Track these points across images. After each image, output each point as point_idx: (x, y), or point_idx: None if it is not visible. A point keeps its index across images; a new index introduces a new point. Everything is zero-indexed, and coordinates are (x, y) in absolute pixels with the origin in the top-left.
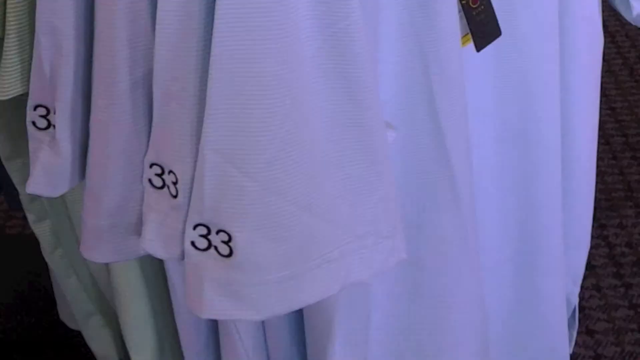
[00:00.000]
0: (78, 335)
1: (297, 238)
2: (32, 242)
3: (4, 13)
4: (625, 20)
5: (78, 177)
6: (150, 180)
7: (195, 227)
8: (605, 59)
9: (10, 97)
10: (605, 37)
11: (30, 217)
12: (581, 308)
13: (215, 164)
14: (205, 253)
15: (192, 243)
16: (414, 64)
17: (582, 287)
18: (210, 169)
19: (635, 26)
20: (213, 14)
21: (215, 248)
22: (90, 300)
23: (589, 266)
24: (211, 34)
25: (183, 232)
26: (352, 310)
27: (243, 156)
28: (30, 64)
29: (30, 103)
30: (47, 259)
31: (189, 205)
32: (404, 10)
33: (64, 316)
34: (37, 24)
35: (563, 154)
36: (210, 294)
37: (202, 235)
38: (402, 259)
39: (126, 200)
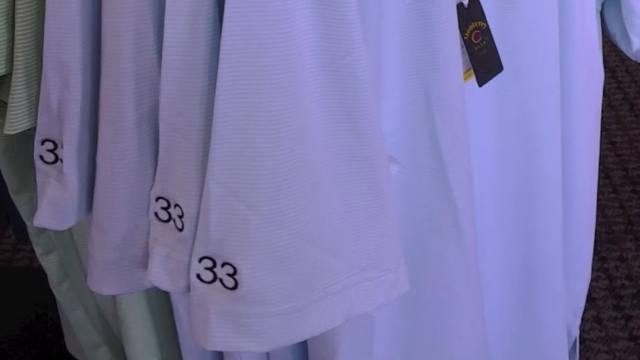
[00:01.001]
0: None
1: (302, 271)
2: (40, 274)
3: (12, 48)
4: (626, 55)
5: (85, 211)
6: (156, 214)
7: (200, 260)
8: (605, 94)
9: (18, 131)
10: (605, 72)
11: (38, 250)
12: (582, 340)
13: (221, 197)
14: (210, 285)
15: (198, 276)
16: (417, 98)
17: (582, 319)
18: (215, 202)
19: (636, 62)
20: (218, 50)
21: (221, 281)
22: (97, 331)
23: (590, 298)
24: (216, 69)
25: (189, 265)
26: (355, 341)
27: (248, 189)
28: (37, 99)
29: (38, 137)
30: (54, 292)
31: (194, 238)
32: (406, 45)
33: (71, 348)
34: (44, 59)
35: (564, 187)
36: (216, 326)
37: (207, 268)
38: (405, 291)
39: (132, 234)
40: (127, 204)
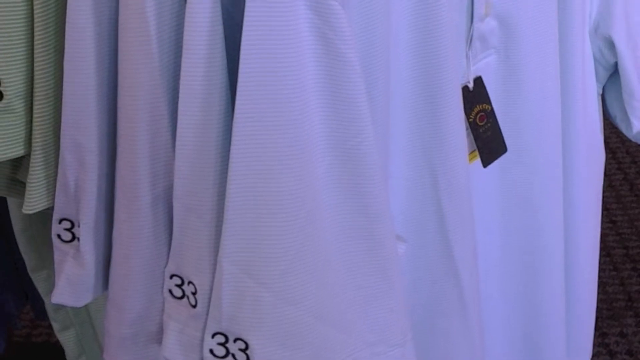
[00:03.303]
0: None
1: (312, 346)
2: (57, 349)
3: (30, 130)
4: (626, 137)
5: (101, 288)
6: (170, 291)
7: (213, 336)
8: (606, 174)
9: (36, 210)
10: (606, 153)
11: (56, 326)
12: None
13: (232, 275)
14: None
15: (211, 351)
16: (424, 179)
17: None
18: (227, 279)
19: (636, 143)
20: (230, 132)
21: (233, 356)
22: None
23: None
24: (229, 151)
25: (202, 341)
26: None
27: (259, 267)
28: (55, 179)
29: (56, 216)
30: None
31: (207, 314)
32: (413, 127)
33: None
34: (61, 140)
35: (566, 264)
36: None
37: (220, 344)
38: None
39: (147, 310)
40: (142, 281)
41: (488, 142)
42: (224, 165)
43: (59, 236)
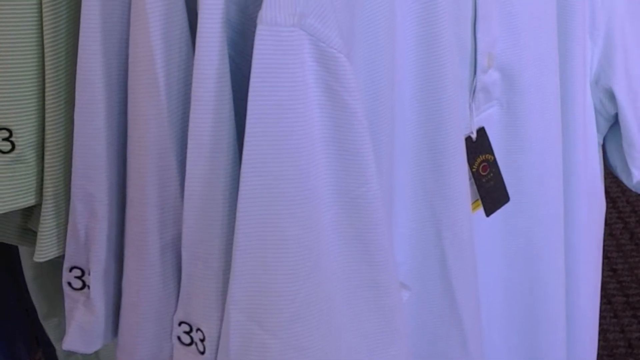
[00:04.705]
0: None
1: None
2: None
3: (42, 180)
4: (626, 187)
5: (111, 334)
6: (179, 338)
7: None
8: (607, 223)
9: (47, 259)
10: (607, 202)
11: None
12: None
13: (240, 322)
14: None
15: None
16: (427, 227)
17: None
18: (234, 326)
19: (636, 193)
20: (238, 181)
21: None
22: None
23: None
24: (236, 200)
25: None
26: None
27: (266, 314)
28: (65, 228)
29: (66, 265)
30: None
31: None
32: (417, 177)
33: None
34: (72, 190)
35: (567, 312)
36: None
37: None
38: None
39: (156, 357)
40: (151, 328)
41: (491, 191)
42: (231, 214)
43: (69, 284)
